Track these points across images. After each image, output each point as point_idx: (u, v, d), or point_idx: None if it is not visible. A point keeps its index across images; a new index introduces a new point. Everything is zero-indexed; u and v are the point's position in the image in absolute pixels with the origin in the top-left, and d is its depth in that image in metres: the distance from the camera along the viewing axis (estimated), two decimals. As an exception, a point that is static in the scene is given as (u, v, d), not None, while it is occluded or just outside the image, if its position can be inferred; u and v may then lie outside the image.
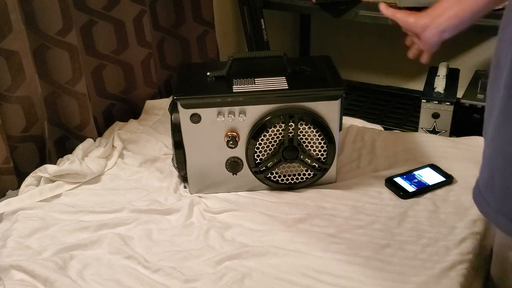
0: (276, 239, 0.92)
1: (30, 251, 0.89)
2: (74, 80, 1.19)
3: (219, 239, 0.92)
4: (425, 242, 0.89)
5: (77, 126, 1.24)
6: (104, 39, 1.30)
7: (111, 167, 1.16)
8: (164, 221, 0.98)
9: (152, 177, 1.12)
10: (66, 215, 1.00)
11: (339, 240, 0.91)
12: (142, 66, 1.40)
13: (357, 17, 1.57)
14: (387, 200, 1.01)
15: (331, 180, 1.07)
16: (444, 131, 1.52)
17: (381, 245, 0.89)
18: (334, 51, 1.99)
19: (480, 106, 1.48)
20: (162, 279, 0.83)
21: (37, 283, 0.82)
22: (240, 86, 0.99)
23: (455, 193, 1.02)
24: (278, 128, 0.99)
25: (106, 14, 1.28)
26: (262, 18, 1.72)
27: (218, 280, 0.82)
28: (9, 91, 1.09)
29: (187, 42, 1.57)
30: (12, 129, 1.12)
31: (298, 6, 1.69)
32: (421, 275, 0.82)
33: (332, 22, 1.97)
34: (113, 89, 1.37)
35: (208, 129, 0.99)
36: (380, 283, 0.81)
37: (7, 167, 1.10)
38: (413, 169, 1.09)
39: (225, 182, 1.05)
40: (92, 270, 0.86)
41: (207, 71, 1.05)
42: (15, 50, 1.07)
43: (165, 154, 1.20)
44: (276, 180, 1.04)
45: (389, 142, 1.21)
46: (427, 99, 1.51)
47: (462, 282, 0.80)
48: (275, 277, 0.83)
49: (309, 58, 1.12)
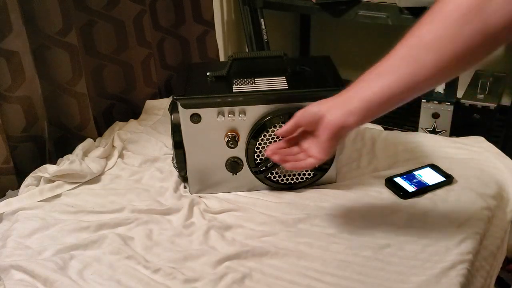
0: (276, 239, 0.92)
1: (30, 251, 0.89)
2: (74, 80, 1.19)
3: (219, 239, 0.92)
4: (425, 242, 0.89)
5: (77, 126, 1.24)
6: (104, 39, 1.30)
7: (111, 167, 1.16)
8: (164, 221, 0.98)
9: (152, 177, 1.12)
10: (66, 215, 1.00)
11: (339, 240, 0.91)
12: (142, 66, 1.40)
13: (357, 17, 1.57)
14: (387, 200, 1.01)
15: (331, 180, 1.07)
16: (444, 131, 1.52)
17: (381, 245, 0.89)
18: (334, 51, 1.99)
19: (480, 106, 1.48)
20: (162, 279, 0.83)
21: (37, 283, 0.82)
22: (240, 86, 0.99)
23: (455, 193, 1.02)
24: (278, 128, 0.99)
25: (106, 14, 1.28)
26: (262, 18, 1.73)
27: (218, 280, 0.82)
28: (9, 91, 1.09)
29: (187, 42, 1.57)
30: (12, 129, 1.12)
31: (298, 6, 1.69)
32: (421, 275, 0.82)
33: (332, 22, 1.97)
34: (113, 89, 1.37)
35: (208, 129, 0.99)
36: (380, 283, 0.81)
37: (7, 167, 1.10)
38: (413, 169, 1.09)
39: (225, 182, 1.05)
40: (92, 270, 0.86)
41: (207, 71, 1.05)
42: (15, 50, 1.07)
43: (165, 154, 1.20)
44: (276, 180, 1.04)
45: (389, 142, 1.21)
46: (427, 99, 1.51)
47: (462, 282, 0.80)
48: (275, 277, 0.83)
49: (309, 58, 1.12)
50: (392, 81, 0.71)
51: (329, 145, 0.79)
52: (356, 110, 0.75)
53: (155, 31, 1.46)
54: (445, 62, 0.67)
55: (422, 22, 0.69)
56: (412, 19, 1.44)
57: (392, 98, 0.73)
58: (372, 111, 0.75)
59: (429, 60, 0.68)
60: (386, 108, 0.75)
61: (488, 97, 1.50)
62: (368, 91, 0.74)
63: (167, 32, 1.51)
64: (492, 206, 0.98)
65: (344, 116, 0.75)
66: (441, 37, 0.66)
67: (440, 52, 0.67)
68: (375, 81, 0.73)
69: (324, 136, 0.78)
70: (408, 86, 0.71)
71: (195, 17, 1.55)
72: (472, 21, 0.63)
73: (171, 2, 1.48)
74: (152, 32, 1.42)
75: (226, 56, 1.87)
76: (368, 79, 0.74)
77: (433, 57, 0.67)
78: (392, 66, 0.72)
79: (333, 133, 0.77)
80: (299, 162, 0.83)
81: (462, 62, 0.67)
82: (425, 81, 0.70)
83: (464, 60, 0.67)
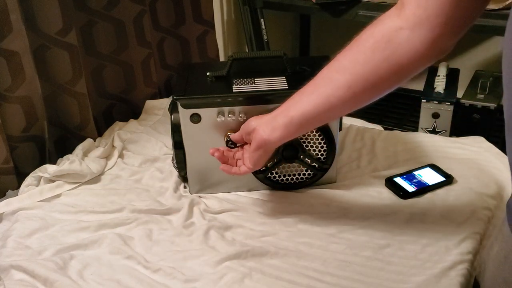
0: (276, 239, 0.92)
1: (30, 251, 0.89)
2: (74, 80, 1.19)
3: (219, 239, 0.92)
4: (425, 242, 0.89)
5: (77, 126, 1.24)
6: (104, 39, 1.30)
7: (111, 167, 1.16)
8: (164, 221, 0.98)
9: (152, 177, 1.12)
10: (66, 215, 1.00)
11: (339, 240, 0.91)
12: (142, 66, 1.40)
13: (357, 17, 1.57)
14: (387, 200, 1.01)
15: (331, 180, 1.07)
16: (444, 131, 1.52)
17: (381, 245, 0.89)
18: (334, 51, 1.98)
19: (480, 106, 1.48)
20: (162, 279, 0.83)
21: (37, 283, 0.82)
22: (240, 86, 0.99)
23: (455, 193, 1.02)
24: (278, 128, 0.98)
25: (106, 14, 1.28)
26: (262, 18, 1.72)
27: (218, 280, 0.82)
28: (9, 91, 1.09)
29: (187, 42, 1.57)
30: (12, 129, 1.12)
31: (298, 6, 1.69)
32: (421, 275, 0.82)
33: (332, 22, 1.97)
34: (113, 89, 1.37)
35: (208, 129, 0.99)
36: (380, 283, 0.81)
37: (7, 167, 1.10)
38: (413, 169, 1.09)
39: (225, 182, 1.05)
40: (92, 270, 0.86)
41: (207, 71, 1.05)
42: (15, 50, 1.07)
43: (165, 154, 1.20)
44: (276, 180, 1.04)
45: (389, 142, 1.21)
46: (427, 99, 1.51)
47: (462, 282, 0.80)
48: (275, 277, 0.83)
49: (309, 58, 1.12)
50: (311, 101, 0.77)
51: (255, 156, 0.86)
52: (279, 126, 0.81)
53: (155, 31, 1.46)
54: (357, 84, 0.72)
55: (345, 48, 0.73)
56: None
57: (310, 117, 0.78)
58: (293, 127, 0.80)
59: (343, 81, 0.72)
60: (305, 126, 0.81)
61: (488, 97, 1.51)
62: (291, 110, 0.80)
63: (167, 32, 1.51)
64: (492, 206, 0.98)
65: (270, 131, 0.82)
66: (355, 61, 0.71)
67: (352, 74, 0.72)
68: (298, 100, 0.79)
69: (252, 147, 0.85)
70: (324, 106, 0.76)
71: (195, 17, 1.55)
72: (383, 48, 0.68)
73: (171, 2, 1.48)
74: (152, 32, 1.43)
75: (226, 56, 1.87)
76: (294, 98, 0.80)
77: (347, 78, 0.72)
78: (314, 86, 0.77)
79: (259, 145, 0.84)
80: (233, 167, 0.91)
81: (373, 87, 0.72)
82: (338, 102, 0.74)
83: (374, 85, 0.71)
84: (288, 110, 0.80)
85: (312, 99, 0.77)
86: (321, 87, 0.76)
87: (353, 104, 0.75)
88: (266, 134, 0.82)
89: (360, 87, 0.72)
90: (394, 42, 0.67)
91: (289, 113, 0.80)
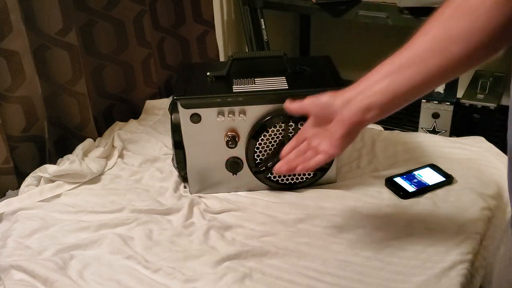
0: (276, 239, 0.92)
1: (30, 251, 0.89)
2: (74, 80, 1.19)
3: (219, 239, 0.92)
4: (425, 242, 0.89)
5: (77, 126, 1.24)
6: (104, 39, 1.30)
7: (111, 167, 1.16)
8: (164, 221, 0.98)
9: (152, 177, 1.12)
10: (66, 215, 1.00)
11: (339, 240, 0.91)
12: (142, 66, 1.40)
13: (357, 17, 1.58)
14: (387, 200, 1.01)
15: (331, 180, 1.07)
16: (444, 131, 1.52)
17: (381, 245, 0.89)
18: (334, 51, 1.98)
19: (480, 106, 1.48)
20: (162, 279, 0.83)
21: (37, 283, 0.82)
22: (240, 86, 0.99)
23: (455, 193, 1.02)
24: (278, 128, 0.99)
25: (106, 14, 1.28)
26: (262, 18, 1.73)
27: (218, 280, 0.82)
28: (9, 91, 1.09)
29: (187, 42, 1.57)
30: (12, 129, 1.12)
31: (298, 6, 1.69)
32: (421, 275, 0.82)
33: (332, 22, 1.97)
34: (113, 89, 1.37)
35: (208, 129, 0.99)
36: (380, 283, 0.81)
37: (7, 167, 1.10)
38: (413, 169, 1.09)
39: (225, 182, 1.05)
40: (92, 270, 0.86)
41: (207, 71, 1.05)
42: (15, 50, 1.07)
43: (165, 154, 1.20)
44: (276, 180, 1.04)
45: (389, 142, 1.21)
46: (427, 99, 1.51)
47: (462, 282, 0.80)
48: (275, 277, 0.83)
49: (309, 58, 1.12)
50: (419, 73, 0.68)
51: (343, 141, 0.73)
52: (376, 104, 0.70)
53: (155, 31, 1.46)
54: (472, 52, 0.65)
55: (444, 16, 0.67)
56: (412, 19, 1.43)
57: (417, 89, 0.69)
58: (394, 104, 0.70)
59: (457, 51, 0.65)
60: (409, 100, 0.71)
61: (488, 97, 1.51)
62: (393, 83, 0.69)
63: (167, 32, 1.51)
64: (492, 206, 0.98)
65: (362, 111, 0.70)
66: (469, 30, 0.64)
67: (469, 43, 0.64)
68: (400, 73, 0.69)
69: (339, 132, 0.72)
70: (434, 77, 0.68)
71: (195, 17, 1.55)
72: (503, 8, 0.61)
73: (171, 2, 1.48)
74: (152, 32, 1.43)
75: (226, 56, 1.87)
76: (388, 71, 0.69)
77: (462, 48, 0.65)
78: (418, 57, 0.68)
79: (350, 129, 0.72)
80: (309, 162, 0.78)
81: (488, 49, 0.65)
82: (451, 72, 0.68)
83: (490, 48, 0.65)
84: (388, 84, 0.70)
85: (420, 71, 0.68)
86: (429, 59, 0.67)
87: (466, 69, 0.69)
88: (358, 115, 0.71)
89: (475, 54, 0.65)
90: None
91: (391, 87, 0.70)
